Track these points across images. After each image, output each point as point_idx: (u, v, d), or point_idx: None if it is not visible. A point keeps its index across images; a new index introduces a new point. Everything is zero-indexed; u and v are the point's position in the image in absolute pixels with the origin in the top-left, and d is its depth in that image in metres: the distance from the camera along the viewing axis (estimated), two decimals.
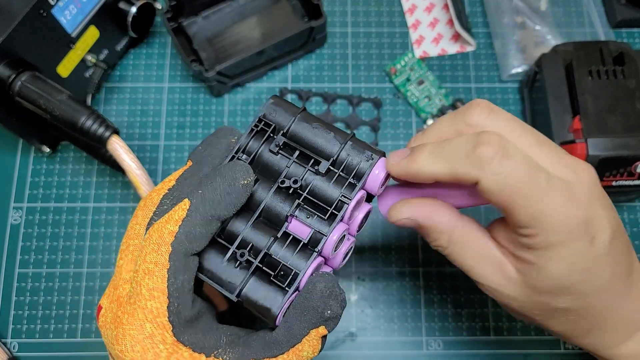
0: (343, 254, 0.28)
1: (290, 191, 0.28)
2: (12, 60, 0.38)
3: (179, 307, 0.25)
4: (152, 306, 0.25)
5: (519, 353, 0.42)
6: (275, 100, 0.30)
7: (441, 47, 0.50)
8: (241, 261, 0.27)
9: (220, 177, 0.26)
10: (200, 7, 0.48)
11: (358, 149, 0.28)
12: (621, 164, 0.39)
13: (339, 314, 0.27)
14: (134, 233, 0.28)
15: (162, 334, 0.25)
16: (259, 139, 0.29)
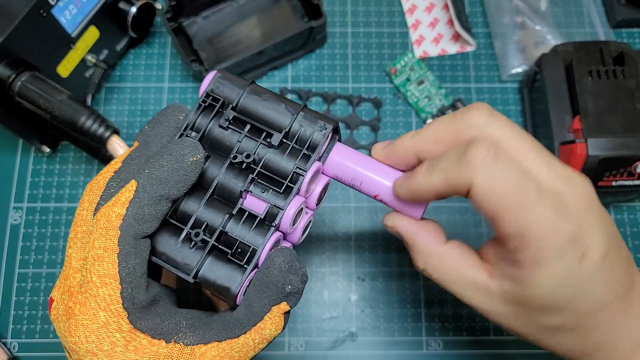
0: (302, 228, 0.28)
1: (244, 166, 0.27)
2: (12, 60, 0.38)
3: (133, 293, 0.24)
4: (105, 293, 0.24)
5: (519, 353, 0.42)
6: (223, 74, 0.29)
7: (441, 47, 0.50)
8: (196, 241, 0.26)
9: (168, 154, 0.25)
10: (200, 7, 0.48)
11: (310, 119, 0.28)
12: (621, 164, 0.39)
13: (300, 289, 0.26)
14: (81, 220, 0.26)
15: (118, 321, 0.24)
16: (207, 115, 0.28)
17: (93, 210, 0.26)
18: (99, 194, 0.26)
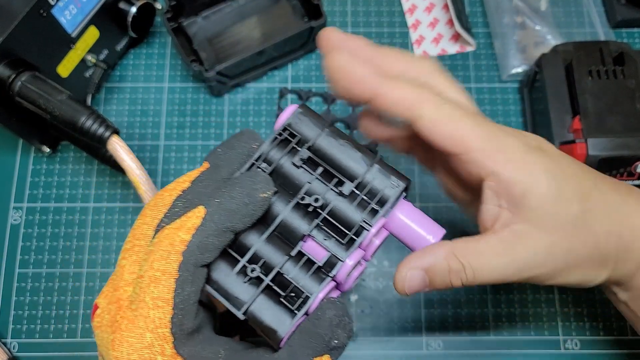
0: (355, 278, 0.27)
1: (310, 209, 0.26)
2: (12, 60, 0.38)
3: (183, 319, 0.24)
4: (155, 316, 0.24)
5: (519, 353, 0.42)
6: (303, 110, 0.28)
7: (441, 47, 0.50)
8: (251, 276, 0.25)
9: (240, 186, 0.25)
10: (200, 7, 0.48)
11: (385, 174, 0.27)
12: (621, 164, 0.39)
13: (345, 344, 0.26)
14: (140, 233, 0.26)
15: (162, 345, 0.24)
16: (281, 149, 0.28)
17: (155, 226, 0.26)
18: (163, 211, 0.26)
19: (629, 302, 0.31)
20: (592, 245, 0.27)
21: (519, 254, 0.27)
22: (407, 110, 0.27)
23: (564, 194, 0.27)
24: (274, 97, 0.49)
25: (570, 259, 0.27)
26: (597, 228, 0.27)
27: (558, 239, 0.27)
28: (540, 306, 0.43)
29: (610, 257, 0.28)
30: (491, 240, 0.27)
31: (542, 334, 0.42)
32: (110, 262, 0.44)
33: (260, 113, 0.48)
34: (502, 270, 0.27)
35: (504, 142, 0.27)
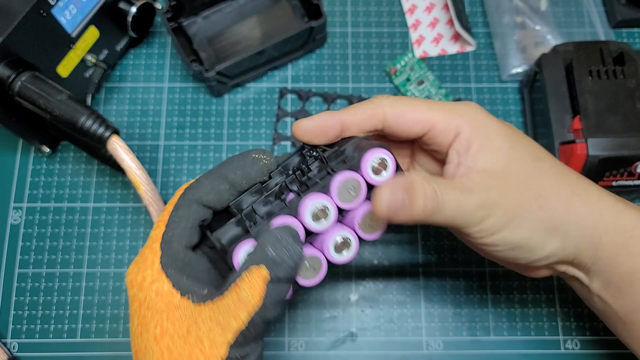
0: (329, 244, 0.28)
1: (303, 178, 0.29)
2: (12, 60, 0.38)
3: (171, 237, 0.28)
4: (154, 233, 0.28)
5: (519, 353, 0.42)
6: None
7: (441, 47, 0.50)
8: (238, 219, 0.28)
9: (238, 154, 0.30)
10: (200, 7, 0.48)
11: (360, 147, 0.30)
12: (621, 164, 0.39)
13: (286, 263, 0.26)
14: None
15: (152, 259, 0.28)
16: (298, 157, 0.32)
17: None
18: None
19: (600, 292, 0.31)
20: (540, 202, 0.29)
21: (475, 195, 0.28)
22: (371, 120, 0.31)
23: (517, 152, 0.30)
24: (274, 97, 0.49)
25: (518, 210, 0.29)
26: (546, 189, 0.29)
27: (508, 189, 0.29)
28: (540, 306, 0.43)
29: (559, 226, 0.29)
30: (451, 183, 0.29)
31: (542, 334, 0.42)
32: (110, 262, 0.44)
33: (261, 113, 0.48)
34: (462, 204, 0.28)
35: (461, 113, 0.30)
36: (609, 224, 0.29)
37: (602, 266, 0.30)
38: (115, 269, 0.44)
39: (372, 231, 0.29)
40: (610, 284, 0.30)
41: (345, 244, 0.28)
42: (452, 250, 0.44)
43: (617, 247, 0.29)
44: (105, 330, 0.43)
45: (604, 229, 0.29)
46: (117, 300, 0.43)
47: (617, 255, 0.29)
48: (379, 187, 0.27)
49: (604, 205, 0.30)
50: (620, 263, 0.30)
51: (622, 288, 0.30)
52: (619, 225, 0.30)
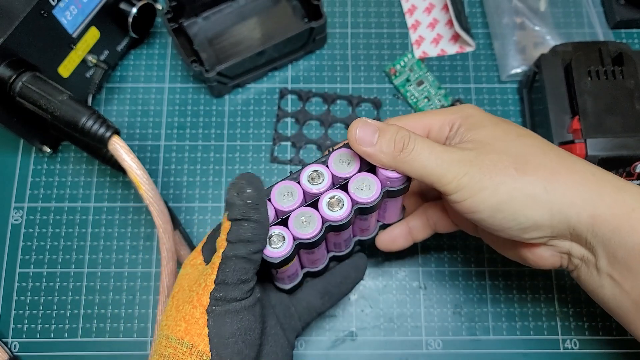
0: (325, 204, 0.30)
1: None
2: (13, 60, 0.38)
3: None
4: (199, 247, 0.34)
5: (518, 352, 0.42)
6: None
7: (441, 47, 0.50)
8: None
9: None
10: (201, 8, 0.48)
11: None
12: (620, 164, 0.39)
13: (236, 203, 0.29)
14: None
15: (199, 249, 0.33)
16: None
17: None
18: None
19: (609, 271, 0.29)
20: (518, 167, 0.29)
21: (452, 153, 0.30)
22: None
23: (501, 129, 0.31)
24: (274, 98, 0.49)
25: (495, 171, 0.29)
26: (527, 158, 0.29)
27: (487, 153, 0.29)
28: (539, 306, 0.43)
29: (541, 193, 0.29)
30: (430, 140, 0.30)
31: (541, 334, 0.43)
32: (111, 262, 0.44)
33: (261, 113, 0.48)
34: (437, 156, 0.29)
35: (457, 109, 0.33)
36: (605, 196, 0.28)
37: (605, 239, 0.28)
38: (115, 268, 0.44)
39: (347, 168, 0.31)
40: (617, 261, 0.29)
41: (336, 200, 0.30)
42: (452, 250, 0.45)
43: (618, 220, 0.28)
44: (106, 330, 0.43)
45: (600, 201, 0.28)
46: (117, 299, 0.44)
47: (619, 230, 0.28)
48: (354, 121, 0.30)
49: (598, 179, 0.29)
50: (624, 237, 0.28)
51: (632, 266, 0.28)
52: (617, 200, 0.28)
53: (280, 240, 0.30)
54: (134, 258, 0.45)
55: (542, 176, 0.29)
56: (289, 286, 0.34)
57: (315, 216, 0.30)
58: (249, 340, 0.30)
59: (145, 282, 0.44)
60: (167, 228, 0.39)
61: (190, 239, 0.44)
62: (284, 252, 0.30)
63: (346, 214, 0.30)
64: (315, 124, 0.48)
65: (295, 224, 0.30)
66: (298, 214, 0.30)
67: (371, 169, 0.31)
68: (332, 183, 0.31)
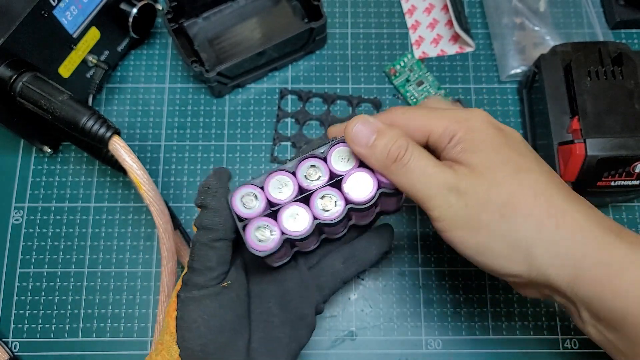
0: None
1: None
2: (13, 60, 0.38)
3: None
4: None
5: (518, 352, 0.42)
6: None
7: (440, 48, 0.50)
8: None
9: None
10: (201, 8, 0.49)
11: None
12: (620, 164, 0.40)
13: (199, 191, 0.30)
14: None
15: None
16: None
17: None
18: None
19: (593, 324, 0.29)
20: (504, 212, 0.28)
21: (446, 175, 0.28)
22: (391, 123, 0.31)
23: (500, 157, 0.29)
24: (274, 98, 0.49)
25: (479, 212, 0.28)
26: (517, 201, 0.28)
27: (478, 186, 0.28)
28: (539, 306, 0.43)
29: (522, 244, 0.28)
30: (430, 155, 0.30)
31: (541, 334, 0.43)
32: (111, 262, 0.45)
33: (261, 114, 0.48)
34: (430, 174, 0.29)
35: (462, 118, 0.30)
36: (587, 256, 0.27)
37: (585, 300, 0.28)
38: (116, 268, 0.44)
39: (345, 165, 0.30)
40: (601, 320, 0.28)
41: (328, 199, 0.30)
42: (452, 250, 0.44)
43: (599, 285, 0.27)
44: (107, 330, 0.43)
45: (582, 262, 0.27)
46: (118, 299, 0.44)
47: (600, 294, 0.27)
48: (355, 117, 0.30)
49: (586, 235, 0.27)
50: (606, 302, 0.27)
51: (615, 327, 0.27)
52: (602, 261, 0.27)
53: (268, 233, 0.29)
54: (134, 258, 0.45)
55: (526, 227, 0.27)
56: (277, 263, 0.33)
57: (306, 213, 0.30)
58: (214, 327, 0.30)
59: (146, 282, 0.44)
60: (167, 228, 0.39)
61: (191, 239, 0.44)
62: (270, 246, 0.29)
63: (338, 214, 0.30)
64: (315, 124, 0.48)
65: (285, 220, 0.30)
66: (289, 210, 0.30)
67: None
68: (330, 179, 0.31)
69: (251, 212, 0.29)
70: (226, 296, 0.31)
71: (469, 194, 0.28)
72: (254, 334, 0.32)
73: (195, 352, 0.30)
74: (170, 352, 0.30)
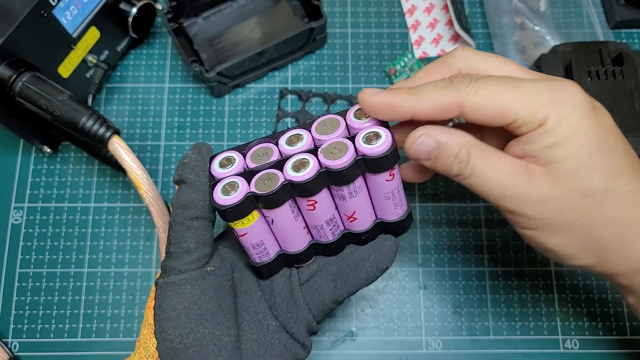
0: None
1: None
2: (13, 60, 0.38)
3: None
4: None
5: (518, 353, 0.42)
6: None
7: (441, 47, 0.50)
8: None
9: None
10: (201, 8, 0.49)
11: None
12: None
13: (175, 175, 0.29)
14: None
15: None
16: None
17: None
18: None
19: (636, 307, 0.31)
20: (587, 225, 0.27)
21: (517, 184, 0.27)
22: (446, 114, 0.28)
23: (592, 162, 0.27)
24: (274, 98, 0.49)
25: (561, 221, 0.27)
26: (603, 210, 0.27)
27: (559, 198, 0.27)
28: (539, 306, 0.43)
29: (599, 249, 0.28)
30: (506, 158, 0.27)
31: (541, 334, 0.43)
32: (111, 262, 0.44)
33: (261, 114, 0.48)
34: (492, 186, 0.27)
35: (553, 98, 0.27)
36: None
37: (638, 289, 0.29)
38: (116, 268, 0.44)
39: (333, 157, 0.28)
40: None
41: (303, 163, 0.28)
42: (452, 250, 0.45)
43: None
44: (106, 330, 0.43)
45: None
46: (117, 300, 0.44)
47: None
48: (416, 130, 0.28)
49: None
50: None
51: None
52: None
53: (233, 188, 0.28)
54: (134, 258, 0.45)
55: (607, 233, 0.27)
56: (257, 263, 0.31)
57: (277, 175, 0.28)
58: (194, 315, 0.28)
59: (146, 282, 0.44)
60: (167, 228, 0.39)
61: None
62: (234, 200, 0.27)
63: (310, 175, 0.27)
64: None
65: (257, 183, 0.28)
66: (262, 175, 0.28)
67: (352, 137, 0.28)
68: (309, 147, 0.29)
69: (226, 171, 0.28)
70: (208, 282, 0.29)
71: (553, 200, 0.27)
72: (245, 334, 0.30)
73: (174, 343, 0.28)
74: (147, 346, 0.28)
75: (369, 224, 0.31)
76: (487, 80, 0.27)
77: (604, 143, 0.27)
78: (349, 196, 0.29)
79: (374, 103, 0.28)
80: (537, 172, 0.27)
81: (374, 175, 0.28)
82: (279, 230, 0.30)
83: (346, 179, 0.28)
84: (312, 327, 0.31)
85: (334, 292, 0.31)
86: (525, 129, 0.27)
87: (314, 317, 0.31)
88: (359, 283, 0.31)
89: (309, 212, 0.29)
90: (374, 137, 0.27)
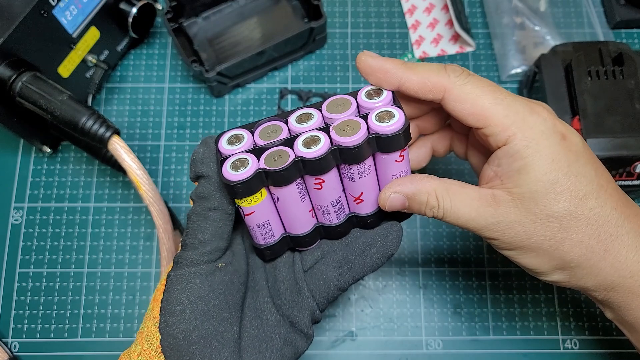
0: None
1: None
2: (13, 60, 0.38)
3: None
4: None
5: (518, 352, 0.42)
6: None
7: (441, 47, 0.50)
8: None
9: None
10: (201, 8, 0.49)
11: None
12: (620, 164, 0.40)
13: (190, 173, 0.29)
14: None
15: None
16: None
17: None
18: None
19: (615, 321, 0.31)
20: (555, 246, 0.28)
21: (486, 216, 0.28)
22: (430, 93, 0.29)
23: (557, 187, 0.27)
24: (274, 98, 0.49)
25: (529, 244, 0.28)
26: (568, 233, 0.28)
27: (525, 223, 0.28)
28: (539, 306, 0.43)
29: (568, 266, 0.29)
30: (472, 192, 0.29)
31: (541, 334, 0.43)
32: (111, 262, 0.44)
33: (261, 113, 0.48)
34: (466, 221, 0.29)
35: (525, 120, 0.28)
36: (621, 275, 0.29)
37: (615, 305, 0.30)
38: (115, 268, 0.44)
39: (345, 134, 0.27)
40: (624, 322, 0.30)
41: (314, 140, 0.28)
42: (452, 250, 0.45)
43: (631, 295, 0.29)
44: (106, 330, 0.43)
45: (617, 279, 0.29)
46: (117, 300, 0.44)
47: (631, 301, 0.29)
48: (384, 189, 0.29)
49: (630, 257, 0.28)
50: (634, 308, 0.29)
51: (638, 329, 0.30)
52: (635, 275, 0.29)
53: (243, 164, 0.27)
54: (134, 258, 0.45)
55: (574, 252, 0.28)
56: (261, 245, 0.30)
57: (287, 152, 0.27)
58: (200, 311, 0.28)
59: (145, 282, 0.44)
60: (167, 228, 0.39)
61: None
62: (244, 176, 0.27)
63: (322, 151, 0.27)
64: None
65: (267, 160, 0.27)
66: (272, 152, 0.28)
67: (364, 116, 0.28)
68: (319, 125, 0.29)
69: (234, 148, 0.28)
70: (218, 278, 0.29)
71: (520, 225, 0.28)
72: (246, 331, 0.30)
73: (177, 339, 0.27)
74: (150, 340, 0.28)
75: (375, 207, 0.31)
76: (477, 80, 0.28)
77: (572, 168, 0.28)
78: (359, 176, 0.29)
79: (371, 63, 0.29)
80: (504, 200, 0.28)
81: (385, 155, 0.28)
82: (285, 210, 0.30)
83: (359, 157, 0.28)
84: (316, 315, 0.31)
85: (339, 279, 0.31)
86: (491, 141, 0.28)
87: (318, 306, 0.31)
88: (365, 270, 0.31)
89: (316, 191, 0.29)
90: (387, 116, 0.28)
